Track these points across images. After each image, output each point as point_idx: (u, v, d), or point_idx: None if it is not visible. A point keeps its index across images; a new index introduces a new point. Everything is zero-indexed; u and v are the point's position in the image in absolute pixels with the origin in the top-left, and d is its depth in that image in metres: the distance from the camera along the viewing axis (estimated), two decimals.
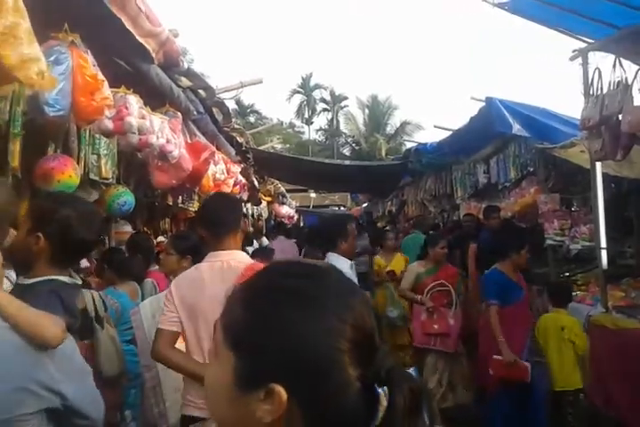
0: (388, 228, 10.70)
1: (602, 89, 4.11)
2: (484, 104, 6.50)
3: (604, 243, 4.40)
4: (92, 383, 1.53)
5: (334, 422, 0.67)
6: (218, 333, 0.73)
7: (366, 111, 36.94)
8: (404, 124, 34.98)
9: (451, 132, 8.12)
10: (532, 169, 6.30)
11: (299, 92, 42.41)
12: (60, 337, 1.44)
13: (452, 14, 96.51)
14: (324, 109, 42.36)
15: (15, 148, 2.84)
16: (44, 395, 1.34)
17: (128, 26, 2.98)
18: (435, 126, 8.47)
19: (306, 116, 42.52)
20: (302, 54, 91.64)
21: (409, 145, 13.30)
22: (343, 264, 3.30)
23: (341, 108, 40.83)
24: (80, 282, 1.81)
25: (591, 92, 4.24)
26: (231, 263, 2.35)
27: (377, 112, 36.42)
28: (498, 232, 5.51)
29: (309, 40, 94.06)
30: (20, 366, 1.32)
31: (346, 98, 40.90)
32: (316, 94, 42.43)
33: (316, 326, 0.68)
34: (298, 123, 43.59)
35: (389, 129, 36.20)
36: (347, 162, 11.19)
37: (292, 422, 0.66)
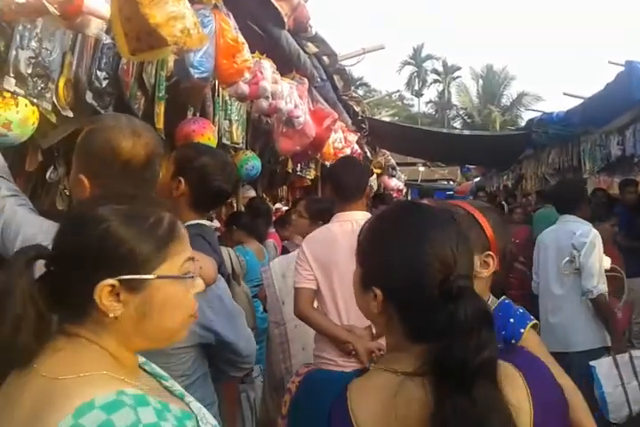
0: (505, 202, 10.22)
1: None
2: (622, 69, 5.95)
3: None
4: (244, 323, 1.60)
5: (420, 325, 0.90)
6: None
7: (480, 82, 35.33)
8: (521, 96, 33.10)
9: (581, 101, 7.54)
10: None
11: (409, 63, 41.33)
12: (214, 276, 1.52)
13: None
14: (436, 81, 41.04)
15: (160, 110, 3.00)
16: (198, 331, 1.42)
17: None
18: (564, 94, 7.89)
19: (416, 88, 41.48)
20: (412, 25, 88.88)
21: (527, 117, 12.56)
22: (585, 227, 3.36)
23: (453, 79, 39.32)
24: (218, 225, 1.90)
25: None
26: (360, 223, 2.36)
27: (492, 83, 34.71)
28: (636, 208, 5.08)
29: (419, 9, 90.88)
30: None
31: (459, 68, 39.34)
32: (428, 65, 41.18)
33: (407, 248, 0.92)
34: (407, 95, 42.68)
35: (505, 101, 34.45)
36: (466, 131, 10.77)
37: (391, 320, 0.92)
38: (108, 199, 0.91)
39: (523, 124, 12.05)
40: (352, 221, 2.38)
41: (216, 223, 2.52)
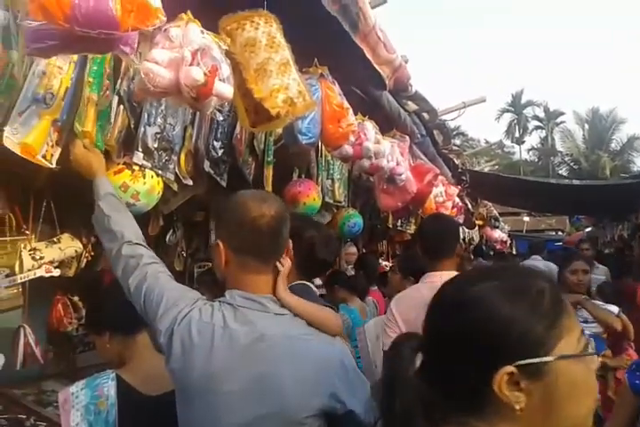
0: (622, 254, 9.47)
1: None
2: None
3: None
4: (369, 392, 1.55)
5: None
6: None
7: (586, 127, 33.87)
8: (632, 139, 31.25)
9: None
10: None
11: (508, 110, 40.65)
12: (340, 327, 1.55)
13: None
14: (537, 127, 39.92)
15: (269, 174, 3.14)
16: (329, 401, 1.38)
17: (368, 55, 3.12)
18: None
19: (516, 135, 40.50)
20: (510, 71, 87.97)
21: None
22: None
23: (557, 124, 38.05)
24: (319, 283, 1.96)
25: None
26: None
27: (599, 127, 33.15)
28: None
29: (517, 57, 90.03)
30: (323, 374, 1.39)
31: (562, 113, 38.12)
32: (528, 112, 40.25)
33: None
34: (507, 143, 41.70)
35: (614, 145, 32.63)
36: (575, 181, 10.25)
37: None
38: (475, 275, 0.87)
39: (635, 169, 11.34)
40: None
41: (318, 281, 2.58)
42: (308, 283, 1.91)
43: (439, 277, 2.37)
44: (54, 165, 1.75)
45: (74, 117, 1.80)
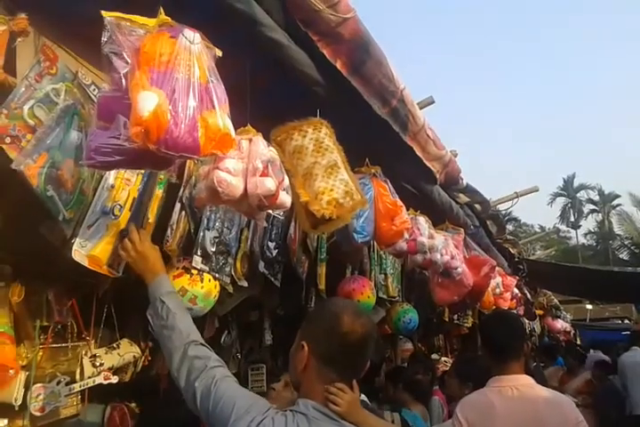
0: None
1: None
2: None
3: None
4: None
5: None
6: None
7: None
8: None
9: None
10: None
11: (561, 194, 40.21)
12: None
13: None
14: (592, 211, 39.12)
15: (322, 271, 3.14)
16: None
17: (418, 153, 3.19)
18: None
19: (571, 219, 39.69)
20: (561, 155, 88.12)
21: None
22: None
23: (613, 207, 37.15)
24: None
25: None
26: (521, 389, 2.21)
27: None
28: None
29: (565, 140, 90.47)
30: None
31: (618, 196, 37.32)
32: (581, 195, 39.67)
33: None
34: (562, 227, 40.81)
35: None
36: (638, 269, 9.79)
37: None
38: None
39: None
40: (512, 387, 2.22)
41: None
42: (363, 396, 1.84)
43: (507, 382, 2.27)
44: (120, 273, 1.80)
45: (140, 224, 1.88)
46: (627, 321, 21.90)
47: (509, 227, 36.45)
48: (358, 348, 1.41)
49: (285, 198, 1.82)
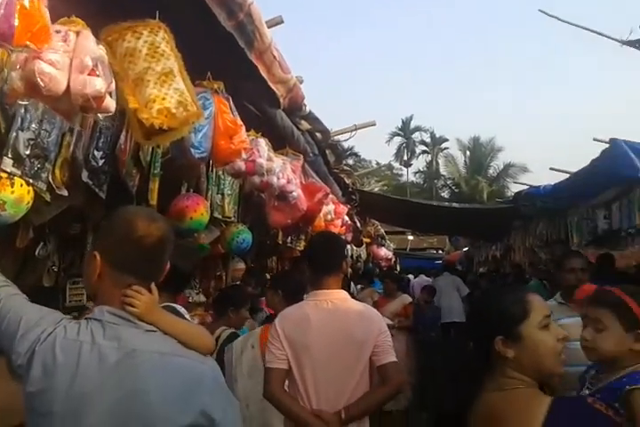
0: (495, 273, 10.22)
1: None
2: (607, 146, 6.16)
3: None
4: (238, 411, 1.52)
5: None
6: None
7: (467, 153, 36.33)
8: (507, 167, 33.95)
9: (567, 176, 7.73)
10: None
11: (398, 134, 42.74)
12: (212, 345, 1.53)
13: (566, 50, 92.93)
14: (424, 152, 42.29)
15: (154, 187, 3.03)
16: (198, 418, 1.33)
17: (263, 73, 3.14)
18: (550, 169, 8.11)
19: (405, 158, 42.63)
20: (402, 97, 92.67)
21: (514, 188, 12.86)
22: None
23: (441, 150, 40.56)
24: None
25: None
26: (335, 302, 2.37)
27: (479, 154, 35.68)
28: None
29: (408, 82, 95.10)
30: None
31: (446, 140, 40.67)
32: (416, 137, 42.58)
33: None
34: (396, 165, 43.78)
35: (492, 171, 35.25)
36: (455, 204, 10.95)
37: None
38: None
39: (509, 194, 12.33)
40: (327, 301, 2.37)
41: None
42: (175, 305, 1.87)
43: (324, 296, 2.40)
44: None
45: None
46: (440, 251, 24.74)
47: (350, 161, 38.17)
48: (155, 251, 1.40)
49: (110, 103, 1.70)
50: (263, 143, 3.43)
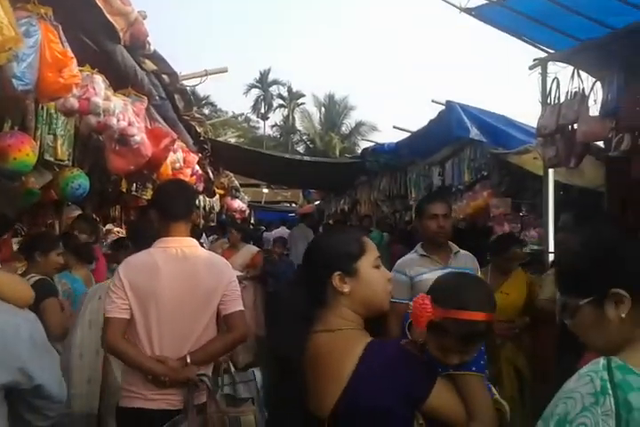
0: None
1: (559, 98, 4.29)
2: (443, 108, 6.65)
3: (552, 247, 4.59)
4: (58, 365, 1.48)
5: None
6: None
7: (322, 110, 37.05)
8: (358, 125, 35.29)
9: (409, 134, 8.26)
10: (485, 173, 6.48)
11: (256, 86, 42.11)
12: (31, 297, 1.45)
13: (417, 17, 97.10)
14: (281, 106, 42.26)
15: None
16: (15, 376, 1.28)
17: (99, 2, 2.89)
18: (394, 127, 8.59)
19: (262, 111, 42.28)
20: (260, 49, 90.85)
21: (364, 145, 13.43)
22: None
23: (298, 105, 40.81)
24: None
25: (549, 101, 4.41)
26: (185, 250, 2.32)
27: (333, 111, 36.57)
28: None
29: (267, 34, 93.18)
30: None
31: (303, 95, 40.94)
32: (274, 90, 42.30)
33: None
34: (253, 117, 43.34)
35: (344, 129, 36.43)
36: (306, 157, 11.19)
37: None
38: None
39: (360, 151, 12.83)
40: (177, 248, 2.30)
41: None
42: None
43: (173, 243, 2.32)
44: None
45: None
46: (294, 204, 25.33)
47: (206, 111, 37.07)
48: None
49: None
50: (100, 80, 3.19)
